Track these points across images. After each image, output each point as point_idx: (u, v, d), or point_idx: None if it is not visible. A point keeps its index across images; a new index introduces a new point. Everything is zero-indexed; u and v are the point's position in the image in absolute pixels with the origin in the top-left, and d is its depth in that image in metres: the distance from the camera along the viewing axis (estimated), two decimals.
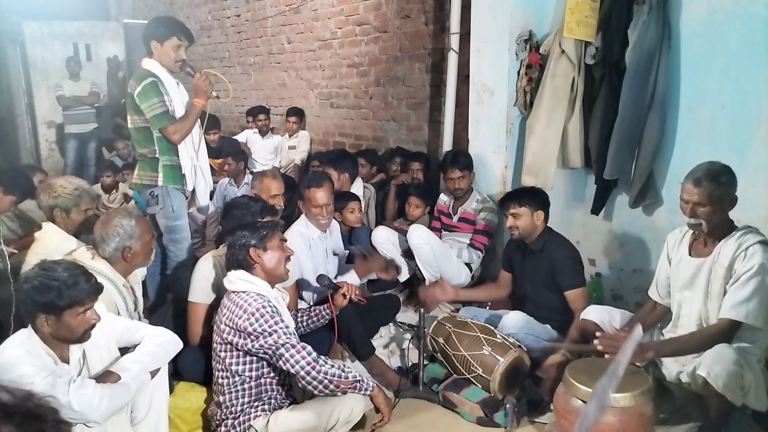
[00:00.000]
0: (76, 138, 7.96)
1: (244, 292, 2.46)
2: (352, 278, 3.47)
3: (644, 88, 3.14)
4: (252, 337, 2.37)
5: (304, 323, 2.94)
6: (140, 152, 3.42)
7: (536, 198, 3.23)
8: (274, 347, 2.35)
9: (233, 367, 2.45)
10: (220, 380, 2.49)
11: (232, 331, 2.41)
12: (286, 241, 2.62)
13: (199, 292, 2.88)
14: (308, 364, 2.33)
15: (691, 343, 2.44)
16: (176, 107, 3.32)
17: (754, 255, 2.35)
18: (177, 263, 3.44)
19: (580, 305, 3.03)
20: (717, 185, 2.40)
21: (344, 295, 2.86)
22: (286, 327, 2.41)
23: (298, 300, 3.33)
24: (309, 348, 2.38)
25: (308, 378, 2.33)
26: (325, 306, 2.92)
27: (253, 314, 2.36)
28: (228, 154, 5.38)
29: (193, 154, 3.42)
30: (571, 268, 3.16)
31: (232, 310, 2.43)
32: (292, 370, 2.36)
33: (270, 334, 2.35)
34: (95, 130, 8.07)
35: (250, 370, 2.47)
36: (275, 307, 2.45)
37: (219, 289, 2.88)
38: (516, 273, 3.42)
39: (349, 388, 2.39)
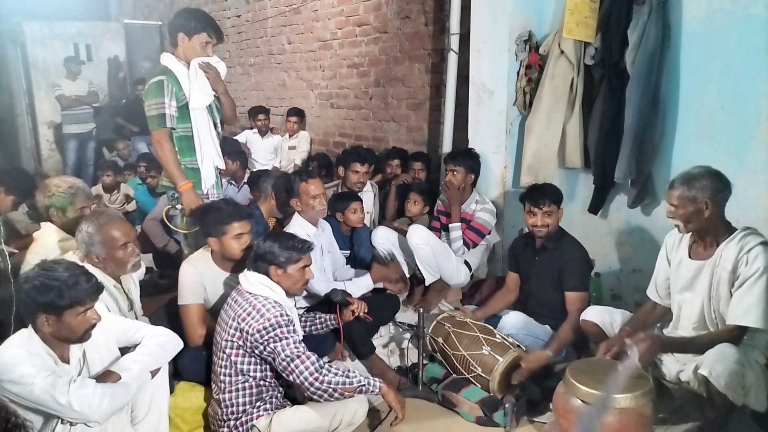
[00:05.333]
0: (76, 138, 7.95)
1: (263, 296, 2.49)
2: (366, 281, 3.49)
3: (647, 89, 3.14)
4: (262, 340, 2.39)
5: (308, 328, 2.98)
6: None
7: (560, 196, 3.23)
8: (282, 355, 2.38)
9: (239, 366, 2.47)
10: (222, 377, 2.50)
11: (243, 332, 2.42)
12: (309, 264, 2.61)
13: (188, 294, 2.87)
14: (311, 374, 2.35)
15: (701, 343, 2.43)
16: (195, 97, 3.17)
17: (757, 258, 2.35)
18: None
19: (577, 307, 3.03)
20: (687, 188, 2.46)
21: (353, 312, 2.92)
22: (297, 336, 2.44)
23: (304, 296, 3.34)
24: (313, 358, 2.40)
25: (312, 389, 2.37)
26: (332, 316, 2.97)
27: (269, 320, 2.40)
28: (226, 153, 5.38)
29: (215, 155, 3.32)
30: (580, 270, 3.16)
31: (248, 311, 2.44)
32: (297, 381, 2.39)
33: (280, 340, 2.38)
34: (94, 129, 8.07)
35: (255, 370, 2.48)
36: (290, 317, 2.48)
37: (206, 288, 2.89)
38: (522, 270, 3.41)
39: (354, 394, 2.42)
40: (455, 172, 3.87)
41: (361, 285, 3.48)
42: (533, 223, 3.19)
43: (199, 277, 2.87)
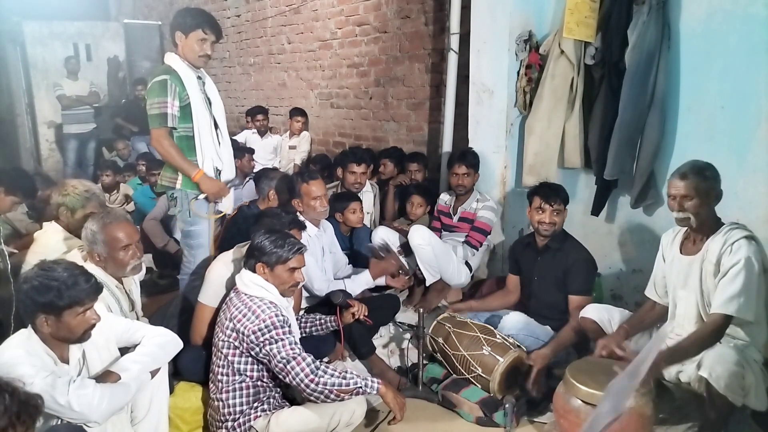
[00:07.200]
0: (76, 138, 7.97)
1: (258, 297, 2.48)
2: (365, 279, 3.49)
3: (644, 88, 3.14)
4: (258, 342, 2.39)
5: (308, 329, 2.97)
6: None
7: (568, 197, 3.22)
8: (278, 357, 2.37)
9: (236, 366, 2.46)
10: (219, 377, 2.50)
11: (240, 333, 2.42)
12: (300, 267, 2.58)
13: (210, 294, 2.86)
14: (307, 376, 2.34)
15: (693, 345, 2.44)
16: (194, 102, 3.16)
17: (739, 249, 2.38)
18: (189, 270, 3.32)
19: (579, 311, 3.00)
20: (702, 179, 2.47)
21: (353, 314, 2.92)
22: (293, 337, 2.43)
23: (304, 295, 3.34)
24: (309, 359, 2.39)
25: (308, 390, 2.36)
26: (332, 318, 2.97)
27: (264, 321, 2.39)
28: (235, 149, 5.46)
29: (215, 156, 3.28)
30: (587, 273, 3.15)
31: (243, 312, 2.44)
32: (293, 383, 2.38)
33: (276, 342, 2.38)
34: (94, 130, 8.09)
35: (252, 370, 2.48)
36: (286, 317, 2.47)
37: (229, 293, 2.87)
38: (523, 271, 3.39)
39: (351, 395, 2.40)
40: (467, 175, 3.91)
41: (360, 281, 3.48)
42: (541, 219, 3.15)
43: (229, 281, 2.83)
